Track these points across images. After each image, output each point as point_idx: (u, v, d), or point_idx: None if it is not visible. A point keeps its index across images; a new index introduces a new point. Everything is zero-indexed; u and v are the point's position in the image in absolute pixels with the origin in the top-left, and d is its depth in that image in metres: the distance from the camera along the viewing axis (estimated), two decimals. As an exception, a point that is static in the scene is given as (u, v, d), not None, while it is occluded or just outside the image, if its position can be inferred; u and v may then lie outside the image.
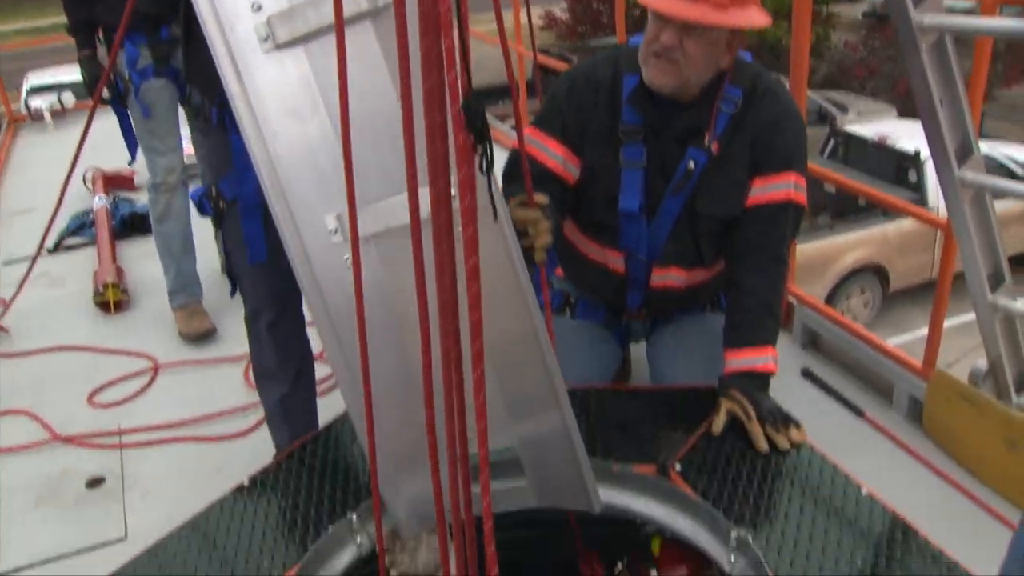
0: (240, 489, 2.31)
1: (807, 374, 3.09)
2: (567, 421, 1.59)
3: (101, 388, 3.66)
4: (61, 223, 5.39)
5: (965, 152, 2.49)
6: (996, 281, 2.56)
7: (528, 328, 1.56)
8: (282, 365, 2.71)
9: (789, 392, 2.29)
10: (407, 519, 1.96)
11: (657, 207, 2.55)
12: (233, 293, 2.68)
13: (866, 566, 1.86)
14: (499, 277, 1.48)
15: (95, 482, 3.07)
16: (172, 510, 2.80)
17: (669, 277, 2.66)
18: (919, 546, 1.90)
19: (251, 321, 2.67)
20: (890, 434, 2.75)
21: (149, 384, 3.69)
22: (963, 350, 4.74)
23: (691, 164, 2.47)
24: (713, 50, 2.33)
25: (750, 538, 1.89)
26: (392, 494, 1.90)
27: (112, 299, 4.26)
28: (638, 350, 3.08)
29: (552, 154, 2.55)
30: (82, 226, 5.36)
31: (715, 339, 2.51)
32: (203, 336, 3.97)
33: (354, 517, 2.07)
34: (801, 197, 2.48)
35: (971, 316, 2.61)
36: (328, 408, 2.77)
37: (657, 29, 2.31)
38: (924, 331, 2.91)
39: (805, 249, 7.82)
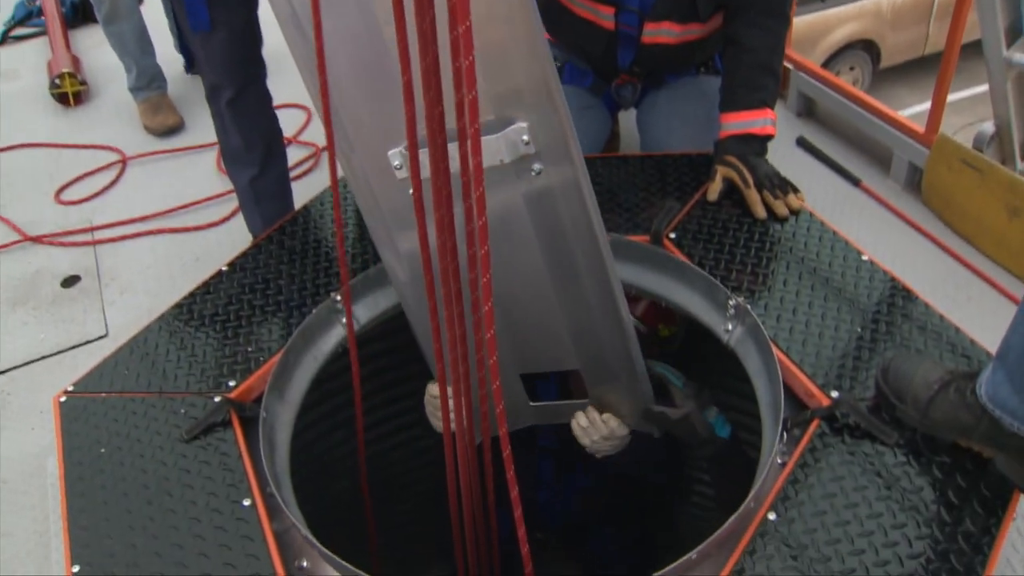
0: (219, 275, 2.23)
1: (802, 143, 2.97)
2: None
3: (68, 185, 3.50)
4: (5, 12, 5.06)
5: None
6: (1013, 36, 2.39)
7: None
8: (249, 146, 2.56)
9: (783, 161, 2.18)
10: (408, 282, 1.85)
11: None
12: (188, 69, 2.49)
13: (866, 332, 1.81)
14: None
15: (71, 280, 2.97)
16: (152, 303, 2.73)
17: (662, 32, 2.46)
18: (920, 312, 1.85)
19: (211, 99, 2.50)
20: (887, 203, 2.67)
21: (118, 178, 3.53)
22: (957, 127, 4.63)
23: None
24: None
25: (748, 306, 1.83)
26: (392, 256, 1.78)
27: (70, 90, 4.02)
28: (627, 120, 2.93)
29: None
30: (29, 15, 5.01)
31: (710, 102, 2.37)
32: (170, 131, 3.77)
33: (338, 296, 2.00)
34: None
35: (968, 93, 2.48)
36: (305, 192, 2.66)
37: None
38: (914, 109, 2.77)
39: (794, 22, 7.45)
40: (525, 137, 1.36)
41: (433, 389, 1.93)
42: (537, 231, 1.51)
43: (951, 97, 2.67)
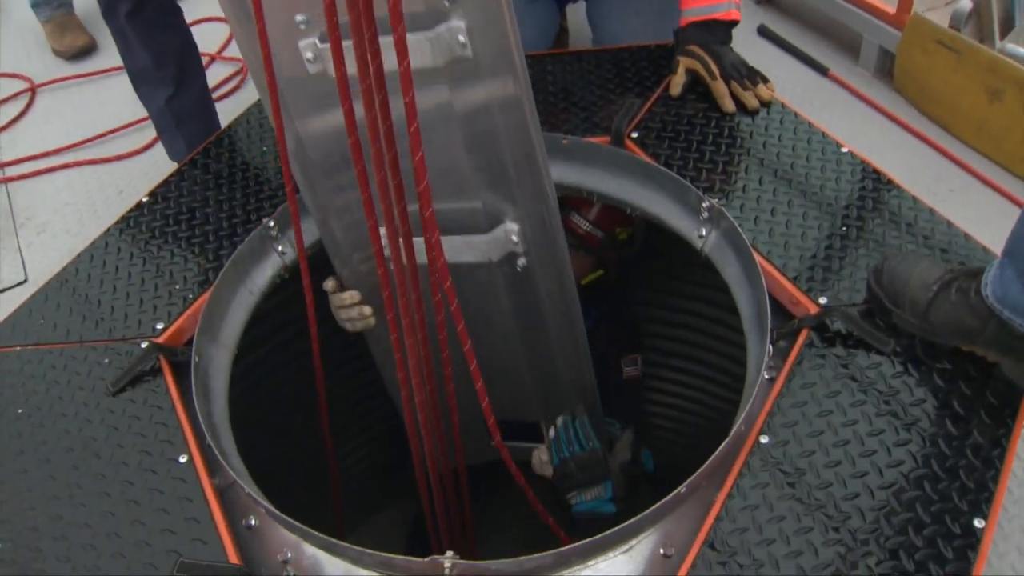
0: (139, 206, 2.01)
1: (764, 32, 2.78)
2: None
3: (-29, 117, 3.23)
4: None
5: None
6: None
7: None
8: (158, 63, 2.31)
9: (744, 53, 1.99)
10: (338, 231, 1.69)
11: None
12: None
13: (852, 230, 1.67)
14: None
15: (-20, 223, 2.74)
16: (74, 243, 2.51)
17: None
18: (908, 206, 1.70)
19: (108, 15, 2.24)
20: (857, 92, 2.51)
21: (27, 108, 3.25)
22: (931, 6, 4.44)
23: None
24: None
25: (724, 208, 1.67)
26: (314, 200, 1.62)
27: (-31, 15, 3.70)
28: (576, 13, 2.71)
29: None
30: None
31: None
32: (81, 52, 3.47)
33: (271, 223, 1.81)
34: None
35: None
36: (232, 113, 2.42)
37: None
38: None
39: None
40: (462, 38, 1.18)
41: (331, 288, 1.78)
42: (468, 146, 1.34)
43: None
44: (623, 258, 2.18)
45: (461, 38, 1.19)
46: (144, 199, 2.02)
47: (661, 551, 1.31)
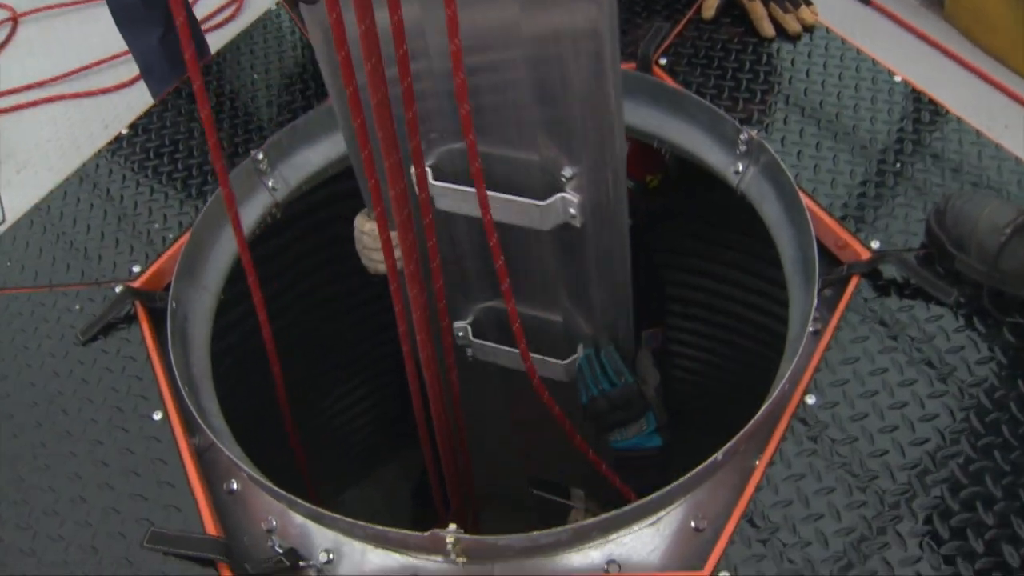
0: (119, 139, 1.84)
1: (800, -41, 2.57)
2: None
3: (-47, 50, 3.05)
4: None
5: None
6: None
7: None
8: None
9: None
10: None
11: None
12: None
13: (908, 168, 1.48)
14: None
15: (-42, 159, 2.57)
16: (55, 181, 2.34)
17: None
18: (971, 140, 1.51)
19: None
20: (903, 22, 2.30)
21: (8, 38, 3.06)
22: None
23: None
24: None
25: (764, 141, 1.49)
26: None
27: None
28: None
29: None
30: None
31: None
32: None
33: (260, 156, 1.63)
34: None
35: None
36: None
37: None
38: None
39: None
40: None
41: (362, 224, 1.59)
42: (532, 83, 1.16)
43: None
44: (652, 210, 2.01)
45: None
46: (124, 131, 1.85)
47: (692, 524, 1.16)
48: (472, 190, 1.17)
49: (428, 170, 1.29)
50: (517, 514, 1.83)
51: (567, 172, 1.27)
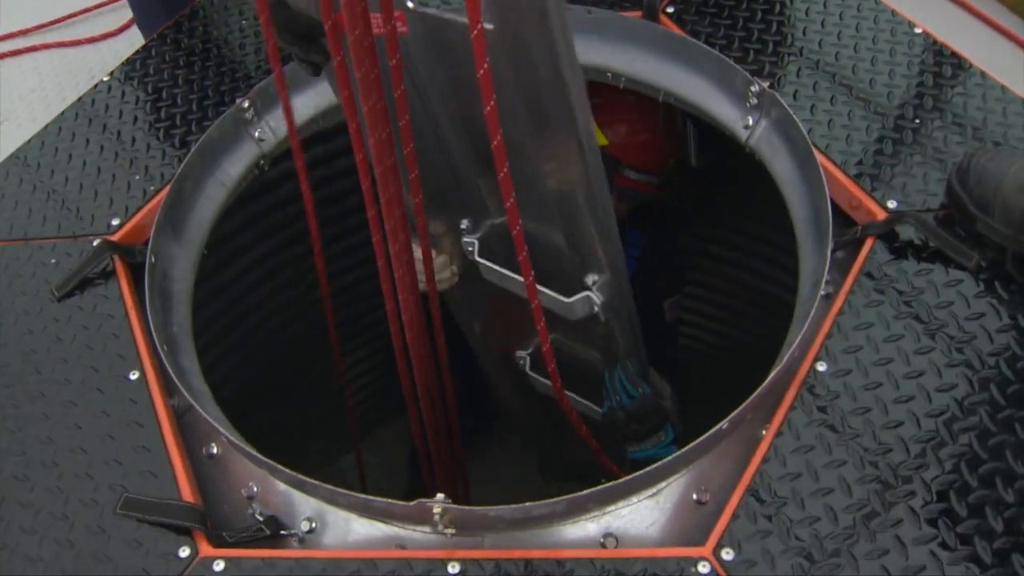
0: (99, 87, 1.76)
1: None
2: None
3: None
4: None
5: None
6: None
7: None
8: None
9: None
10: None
11: None
12: None
13: (927, 124, 1.41)
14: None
15: (-59, 109, 2.48)
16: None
17: None
18: (995, 95, 1.43)
19: None
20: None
21: (-5, -15, 2.97)
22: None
23: None
24: None
25: (776, 93, 1.40)
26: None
27: None
28: None
29: None
30: None
31: None
32: None
33: (246, 104, 1.55)
34: None
35: None
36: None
37: None
38: None
39: None
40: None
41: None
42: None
43: None
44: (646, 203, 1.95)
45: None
46: (105, 79, 1.77)
47: (695, 497, 1.10)
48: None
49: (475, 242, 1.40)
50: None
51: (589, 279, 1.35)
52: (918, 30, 1.54)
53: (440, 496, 1.02)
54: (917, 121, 1.41)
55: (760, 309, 1.93)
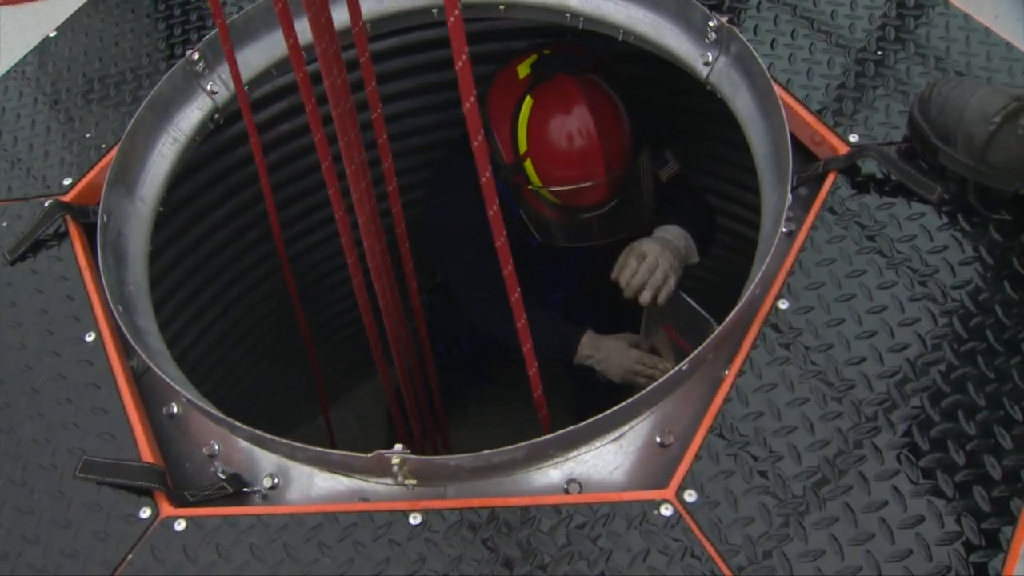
0: (46, 42, 1.71)
1: None
2: None
3: None
4: None
5: None
6: None
7: None
8: None
9: None
10: None
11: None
12: None
13: (890, 55, 1.39)
14: None
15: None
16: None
17: None
18: (958, 24, 1.41)
19: None
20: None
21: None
22: None
23: None
24: None
25: (735, 28, 1.37)
26: None
27: None
28: None
29: None
30: None
31: None
32: None
33: (196, 56, 1.50)
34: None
35: None
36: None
37: None
38: None
39: None
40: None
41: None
42: None
43: None
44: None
45: None
46: (52, 34, 1.72)
47: (658, 439, 1.10)
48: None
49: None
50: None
51: None
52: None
53: (398, 447, 1.01)
54: (879, 53, 1.38)
55: (725, 248, 1.92)
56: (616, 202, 1.60)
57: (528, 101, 1.55)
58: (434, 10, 1.59)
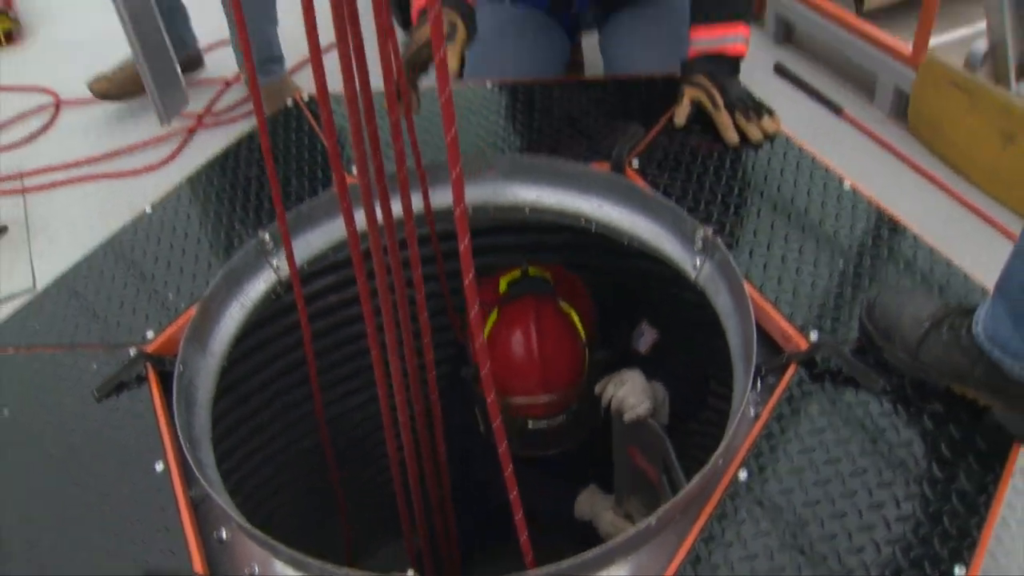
0: (142, 217, 2.02)
1: (780, 70, 2.77)
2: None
3: (-1, 128, 3.29)
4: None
5: None
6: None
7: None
8: None
9: (760, 90, 1.98)
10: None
11: None
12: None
13: (849, 267, 1.64)
14: None
15: (-2, 231, 2.77)
16: (84, 254, 2.54)
17: None
18: (908, 244, 1.67)
19: None
20: (871, 132, 2.48)
21: (51, 121, 3.30)
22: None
23: None
24: None
25: (719, 239, 1.64)
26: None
27: (1, 30, 3.76)
28: (591, 50, 2.72)
29: None
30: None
31: (677, 18, 2.16)
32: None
33: (267, 236, 1.80)
34: None
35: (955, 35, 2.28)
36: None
37: None
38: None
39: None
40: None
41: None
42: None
43: (939, 39, 2.47)
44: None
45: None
46: (148, 210, 2.04)
47: (630, 587, 1.28)
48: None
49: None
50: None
51: None
52: (847, 185, 1.79)
53: (410, 572, 1.21)
54: (842, 264, 1.64)
55: (708, 423, 2.13)
56: (565, 417, 1.83)
57: (494, 315, 1.82)
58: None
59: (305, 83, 3.14)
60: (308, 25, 1.10)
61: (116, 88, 3.24)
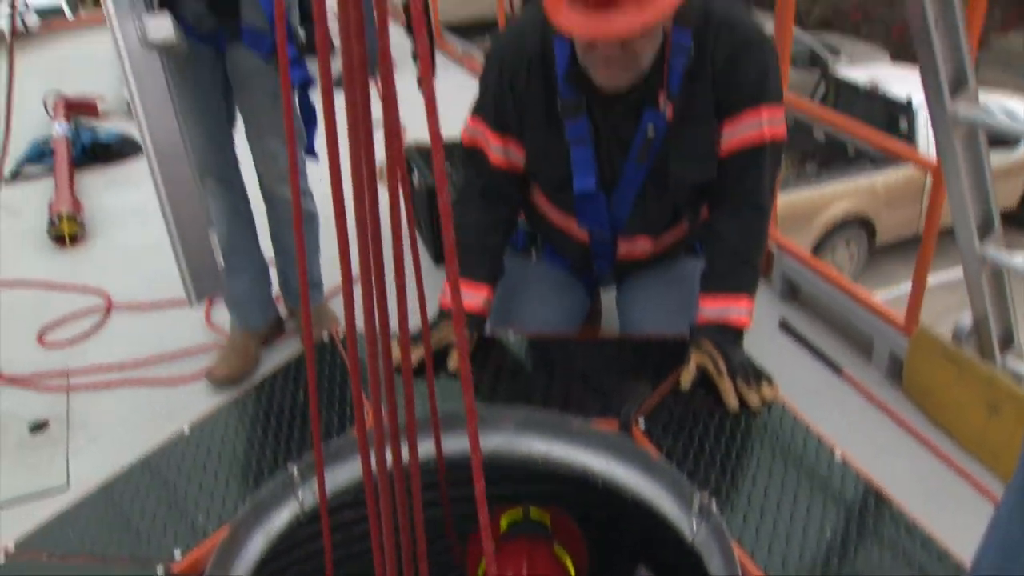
0: (180, 436, 2.18)
1: (785, 326, 2.96)
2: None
3: (51, 326, 3.51)
4: (20, 150, 5.18)
5: (959, 82, 2.31)
6: (985, 229, 2.41)
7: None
8: None
9: (766, 344, 2.16)
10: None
11: (617, 179, 2.34)
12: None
13: (836, 536, 1.75)
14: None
15: (38, 427, 2.93)
16: (117, 458, 2.66)
17: (636, 247, 2.52)
18: (893, 516, 1.78)
19: None
20: (868, 393, 2.63)
21: (101, 323, 3.53)
22: (948, 307, 4.65)
23: (649, 131, 2.21)
24: (658, 29, 2.04)
25: (713, 504, 1.77)
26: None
27: (67, 232, 4.08)
28: (609, 297, 2.95)
29: (493, 147, 2.34)
30: (42, 155, 5.14)
31: (689, 284, 2.37)
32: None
33: (295, 470, 1.94)
34: (778, 131, 2.20)
35: (958, 273, 2.49)
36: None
37: (587, 44, 2.05)
38: (908, 285, 2.77)
39: (791, 199, 7.68)
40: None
41: None
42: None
43: (945, 277, 2.67)
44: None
45: None
46: (186, 431, 2.19)
47: None
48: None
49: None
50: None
51: None
52: (837, 456, 1.92)
53: None
54: (828, 535, 1.75)
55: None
56: None
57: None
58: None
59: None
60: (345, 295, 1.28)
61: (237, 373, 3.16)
